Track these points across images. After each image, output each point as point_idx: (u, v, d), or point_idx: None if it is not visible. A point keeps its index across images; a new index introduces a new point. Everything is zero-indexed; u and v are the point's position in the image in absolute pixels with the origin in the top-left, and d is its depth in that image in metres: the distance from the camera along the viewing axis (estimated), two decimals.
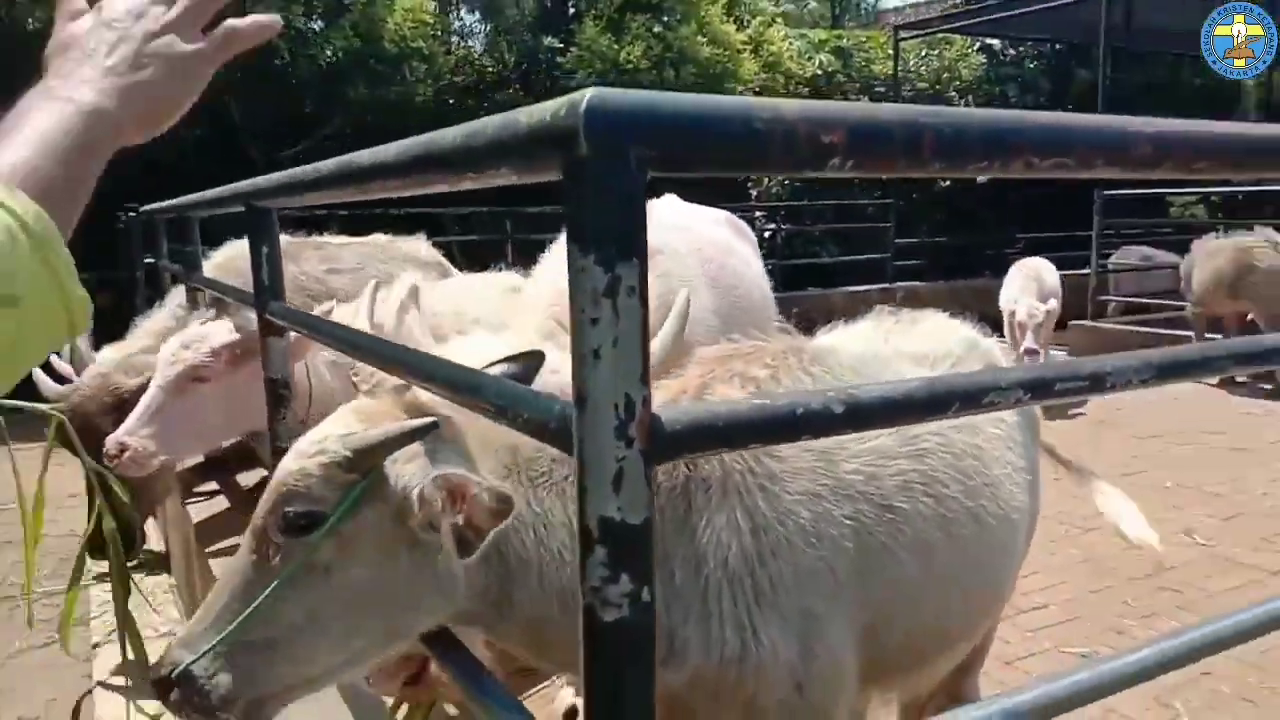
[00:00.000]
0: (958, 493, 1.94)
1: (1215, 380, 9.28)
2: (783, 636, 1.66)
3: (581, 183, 0.89)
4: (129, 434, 3.08)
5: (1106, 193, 11.94)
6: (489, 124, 1.05)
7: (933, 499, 1.89)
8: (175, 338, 3.29)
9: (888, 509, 1.82)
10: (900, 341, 2.30)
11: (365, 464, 1.45)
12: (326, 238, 4.77)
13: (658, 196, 3.50)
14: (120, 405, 3.34)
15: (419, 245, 4.85)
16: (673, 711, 1.62)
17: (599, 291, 0.90)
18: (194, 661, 1.42)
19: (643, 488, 0.94)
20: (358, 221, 7.84)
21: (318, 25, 10.76)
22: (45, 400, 3.42)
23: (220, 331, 3.21)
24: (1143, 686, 3.56)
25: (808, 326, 2.54)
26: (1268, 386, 8.76)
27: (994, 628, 2.64)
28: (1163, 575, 4.70)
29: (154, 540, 5.60)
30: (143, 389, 3.26)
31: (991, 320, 2.98)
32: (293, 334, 2.55)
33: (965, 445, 2.01)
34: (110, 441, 3.08)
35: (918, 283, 14.62)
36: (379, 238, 4.75)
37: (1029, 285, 8.09)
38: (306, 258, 4.33)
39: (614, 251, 0.89)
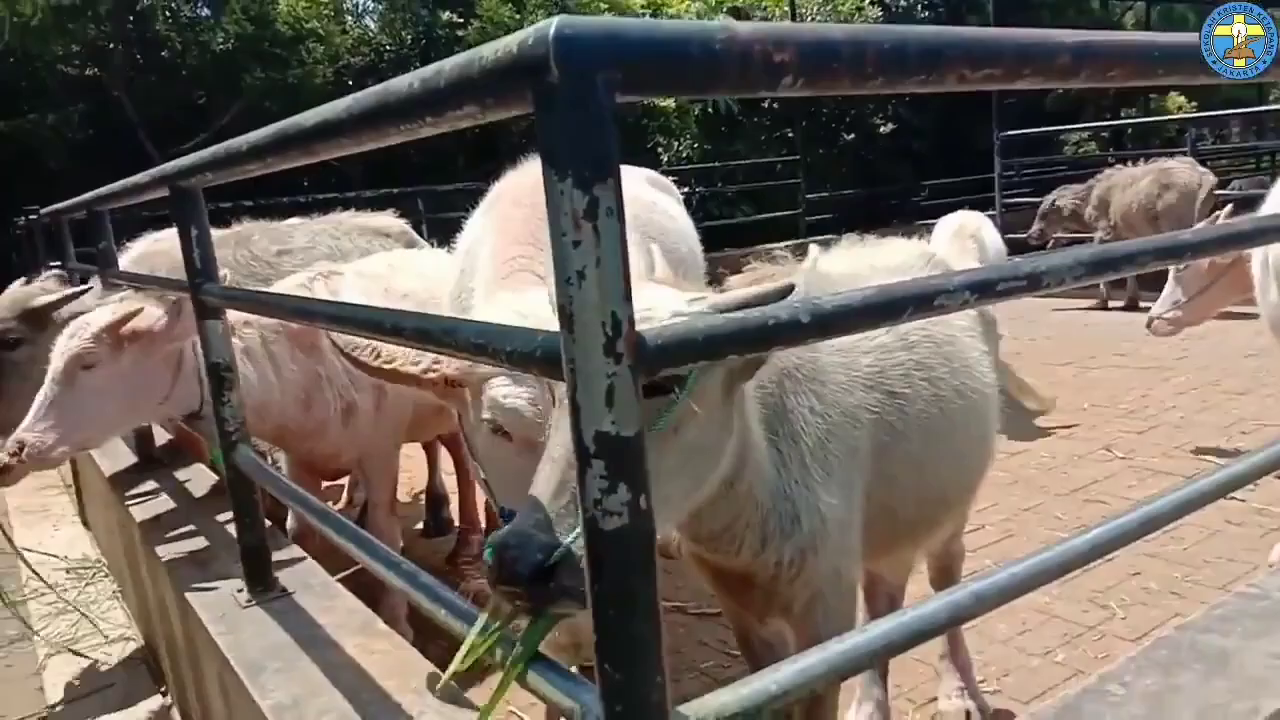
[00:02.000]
0: (944, 374, 2.25)
1: (1124, 303, 9.73)
2: (837, 506, 1.94)
3: (554, 109, 0.92)
4: (26, 430, 3.04)
5: (1005, 134, 12.30)
6: (447, 64, 1.07)
7: (926, 382, 2.19)
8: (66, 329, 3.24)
9: (894, 394, 2.12)
10: (874, 259, 2.55)
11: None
12: (280, 221, 4.67)
13: None
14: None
15: (385, 218, 4.75)
16: (766, 592, 1.96)
17: (579, 214, 0.93)
18: (573, 541, 1.17)
19: (633, 401, 0.98)
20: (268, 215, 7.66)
21: (205, 12, 10.41)
22: None
23: (102, 315, 3.15)
24: (1080, 589, 3.75)
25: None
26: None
27: (970, 503, 2.92)
28: (1088, 489, 4.95)
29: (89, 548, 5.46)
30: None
31: None
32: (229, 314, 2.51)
33: (943, 335, 2.32)
34: (10, 442, 3.03)
35: (830, 236, 14.87)
36: (337, 214, 4.66)
37: (967, 250, 6.30)
38: (256, 240, 4.24)
39: (590, 174, 0.93)
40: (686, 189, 15.21)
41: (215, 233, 4.22)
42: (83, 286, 4.01)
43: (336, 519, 1.94)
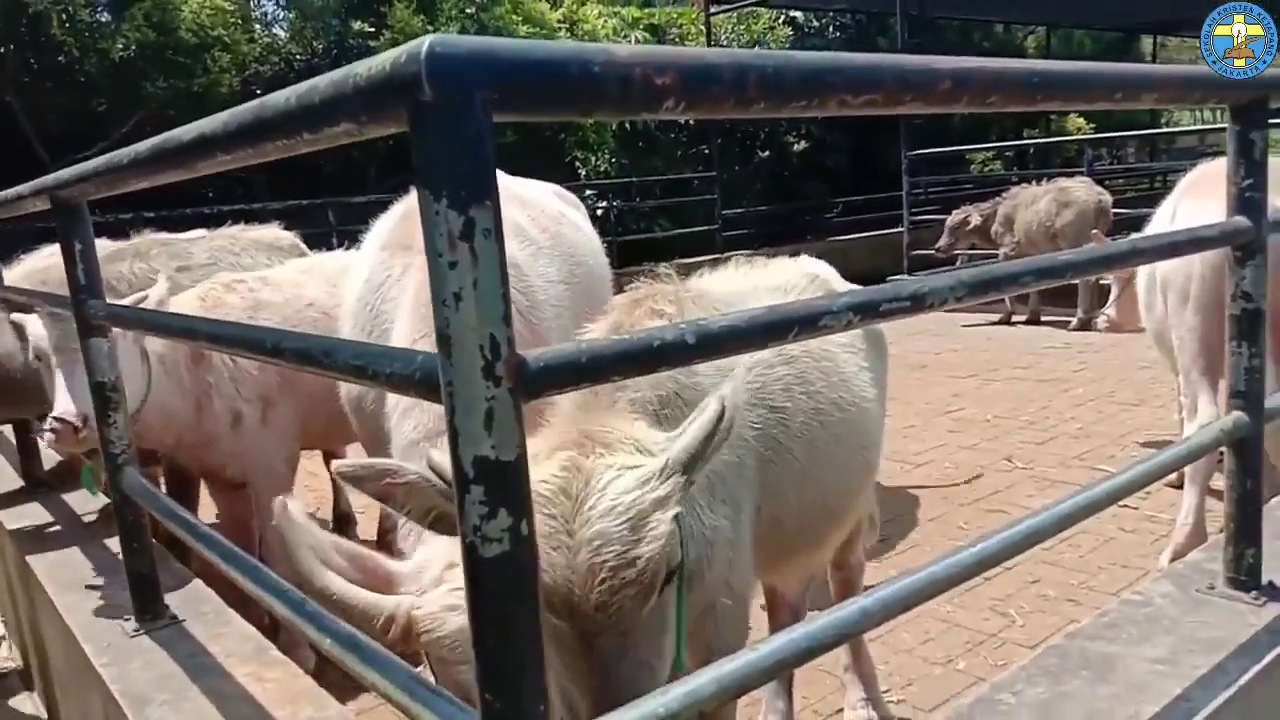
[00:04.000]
0: (823, 388, 2.31)
1: (1026, 317, 10.08)
2: (724, 526, 1.95)
3: (428, 128, 0.90)
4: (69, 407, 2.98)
5: (912, 154, 12.64)
6: (323, 80, 1.04)
7: (806, 395, 2.24)
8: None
9: (775, 409, 2.16)
10: (757, 279, 2.60)
11: (694, 476, 1.52)
12: (173, 235, 4.49)
13: None
14: None
15: (273, 231, 4.63)
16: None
17: (455, 235, 0.91)
18: None
19: (513, 425, 0.97)
20: (170, 227, 7.41)
21: (105, 17, 10.04)
22: None
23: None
24: (981, 598, 3.83)
25: None
26: (1070, 321, 9.58)
27: (870, 508, 3.00)
28: (989, 499, 5.09)
29: None
30: None
31: None
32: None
33: (821, 350, 2.39)
34: (72, 416, 2.92)
35: (746, 252, 15.08)
36: (230, 229, 4.52)
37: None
38: (155, 255, 4.07)
39: (466, 195, 0.91)
40: (604, 203, 15.28)
41: (112, 245, 4.08)
42: None
43: (221, 544, 1.88)
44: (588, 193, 15.35)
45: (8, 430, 4.45)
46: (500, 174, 3.31)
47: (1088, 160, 12.64)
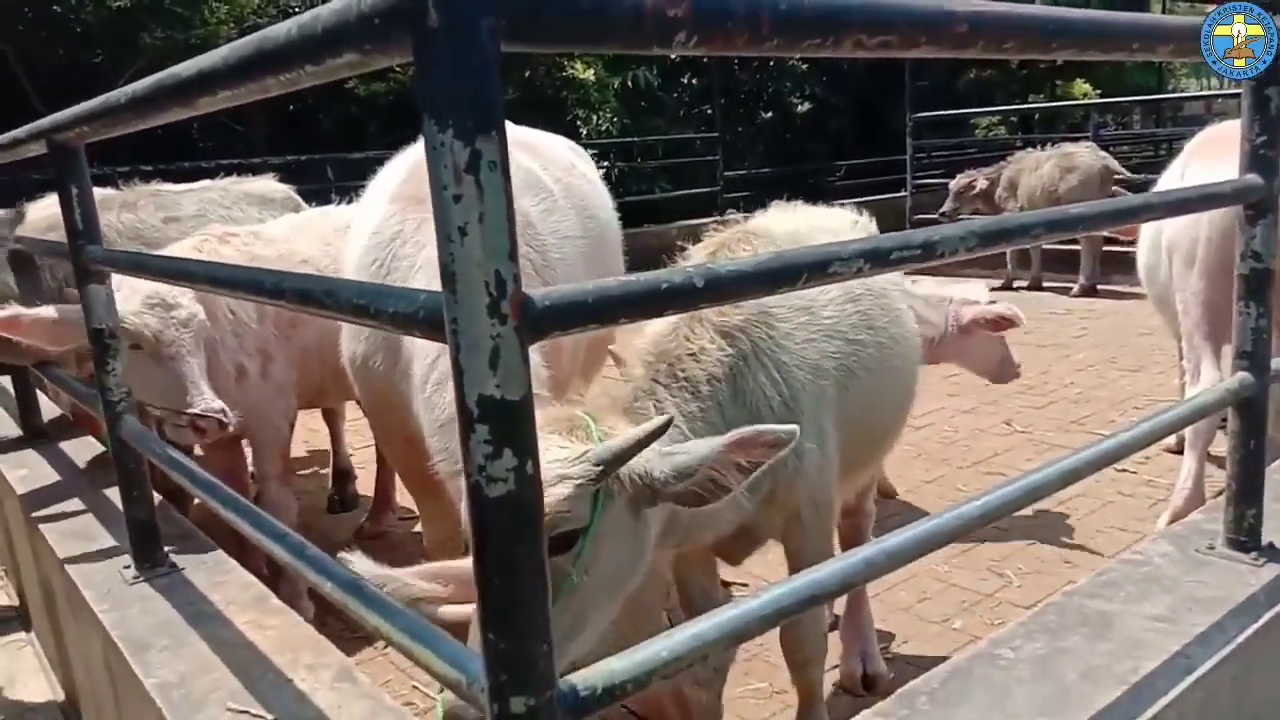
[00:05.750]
0: (884, 324, 2.48)
1: (1028, 283, 10.05)
2: (813, 448, 2.15)
3: (434, 56, 0.88)
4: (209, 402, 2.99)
5: (917, 116, 12.53)
6: (326, 9, 1.01)
7: (871, 330, 2.41)
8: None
9: (850, 341, 2.33)
10: (810, 219, 2.72)
11: (610, 474, 1.57)
12: (164, 185, 4.44)
13: None
14: None
15: (267, 184, 4.58)
16: (742, 531, 2.14)
17: (460, 167, 0.89)
18: None
19: (519, 364, 0.95)
20: (167, 179, 7.33)
21: None
22: None
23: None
24: (978, 559, 3.85)
25: (650, 264, 2.66)
26: (1072, 287, 9.55)
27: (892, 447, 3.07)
28: (988, 462, 5.10)
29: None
30: None
31: None
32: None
33: (879, 289, 2.53)
34: (217, 411, 2.93)
35: (747, 214, 14.97)
36: (222, 180, 4.46)
37: None
38: (143, 206, 4.03)
39: (473, 125, 0.89)
40: (606, 163, 15.13)
41: (99, 194, 4.02)
42: None
43: (222, 490, 1.87)
44: (589, 152, 15.18)
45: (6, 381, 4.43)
46: (512, 124, 3.25)
47: (1093, 125, 12.48)
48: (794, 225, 2.56)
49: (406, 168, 2.82)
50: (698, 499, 1.66)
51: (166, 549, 2.66)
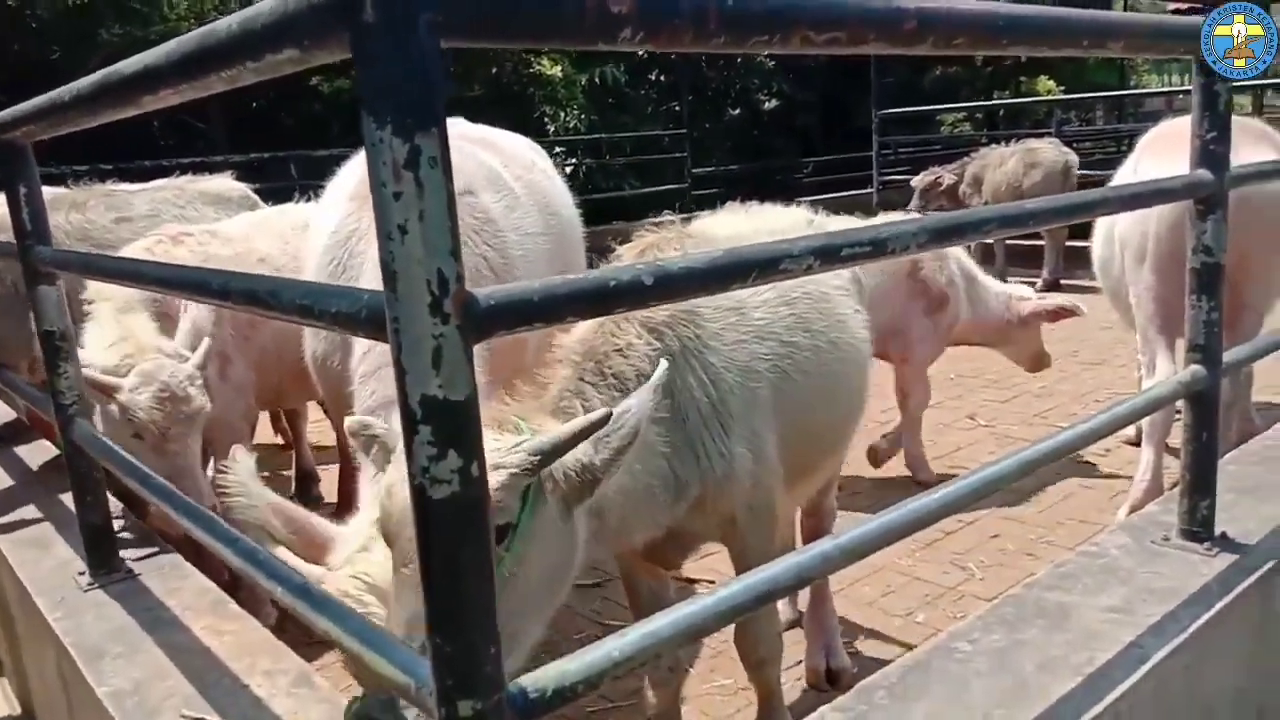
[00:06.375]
0: (822, 327, 2.43)
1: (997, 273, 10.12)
2: (744, 452, 2.11)
3: (370, 52, 0.86)
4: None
5: (883, 112, 12.61)
6: (266, 4, 0.99)
7: (807, 333, 2.36)
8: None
9: (784, 343, 2.28)
10: (758, 222, 2.65)
11: (546, 465, 1.51)
12: (118, 185, 4.36)
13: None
14: None
15: (223, 182, 4.50)
16: (674, 535, 2.11)
17: (399, 163, 0.88)
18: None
19: (463, 364, 0.94)
20: (126, 178, 7.22)
21: None
22: None
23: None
24: (942, 552, 3.87)
25: None
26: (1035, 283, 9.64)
27: (845, 451, 3.02)
28: (952, 456, 5.14)
29: None
30: None
31: None
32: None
33: (819, 293, 2.49)
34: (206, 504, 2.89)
35: (714, 211, 15.03)
36: (177, 179, 4.38)
37: None
38: (93, 206, 3.95)
39: (412, 121, 0.88)
40: (574, 160, 15.10)
41: (49, 193, 3.94)
42: None
43: (173, 494, 1.84)
44: (556, 149, 15.16)
45: None
46: (469, 123, 3.22)
47: (1056, 121, 12.63)
48: (738, 227, 2.52)
49: (360, 164, 2.80)
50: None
51: (122, 554, 2.62)
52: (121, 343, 3.00)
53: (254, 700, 1.92)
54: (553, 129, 15.41)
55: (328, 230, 2.64)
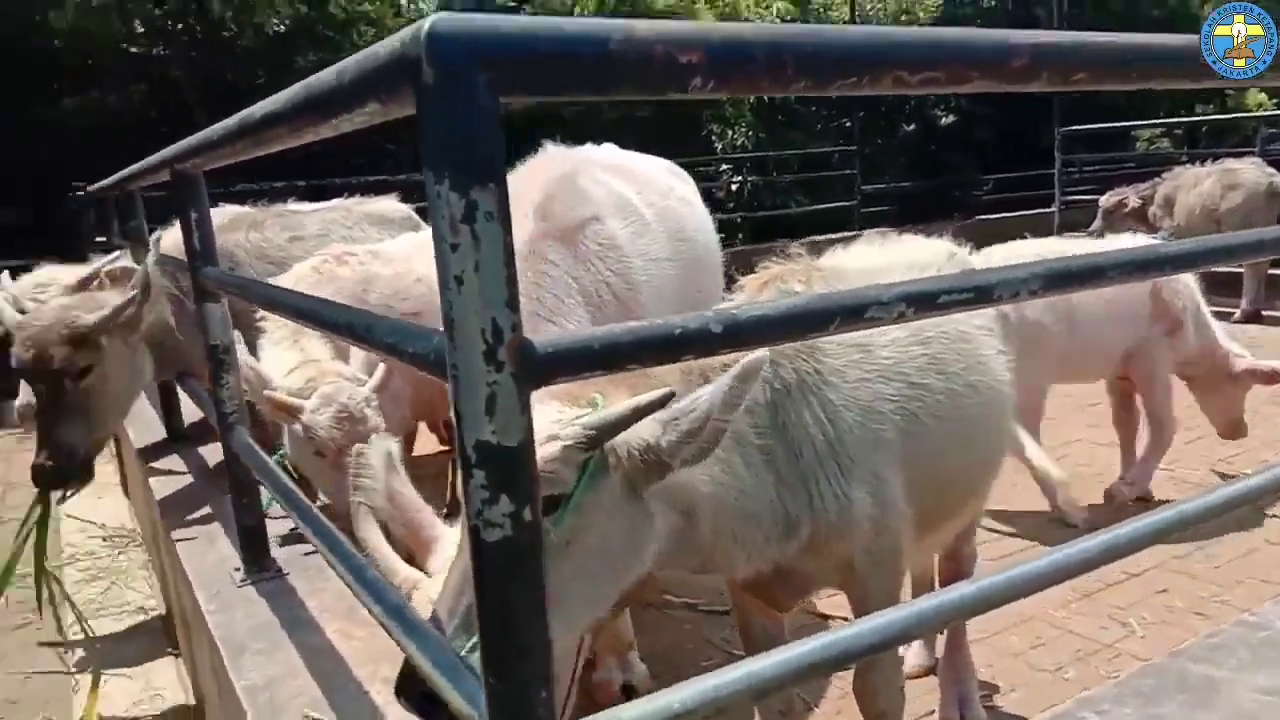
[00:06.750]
0: (959, 369, 2.32)
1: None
2: (864, 496, 2.03)
3: (430, 110, 0.89)
4: None
5: (1066, 130, 11.96)
6: (355, 58, 1.05)
7: (942, 375, 2.26)
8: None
9: (914, 385, 2.18)
10: (895, 255, 2.55)
11: (603, 441, 1.52)
12: (292, 205, 4.71)
13: (597, 144, 3.51)
14: (76, 340, 3.33)
15: (387, 204, 4.78)
16: (783, 574, 2.06)
17: (456, 218, 0.91)
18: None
19: (517, 411, 0.95)
20: (316, 194, 7.74)
21: None
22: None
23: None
24: (1100, 604, 3.63)
25: None
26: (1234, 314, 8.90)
27: (985, 499, 2.88)
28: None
29: (126, 518, 5.61)
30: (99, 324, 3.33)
31: None
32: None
33: (957, 333, 2.38)
34: None
35: (887, 229, 14.69)
36: (345, 200, 4.69)
37: None
38: (269, 225, 4.29)
39: (468, 178, 0.90)
40: (740, 178, 15.11)
41: (229, 212, 4.27)
42: (109, 258, 4.09)
43: (300, 502, 1.95)
44: (723, 167, 15.25)
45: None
46: (612, 148, 3.26)
47: (1260, 139, 11.61)
48: (872, 261, 2.44)
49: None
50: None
51: (274, 554, 2.81)
52: (304, 366, 3.17)
53: (371, 708, 2.02)
54: (720, 146, 15.48)
55: None
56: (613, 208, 2.70)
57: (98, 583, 4.64)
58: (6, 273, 4.15)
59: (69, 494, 3.74)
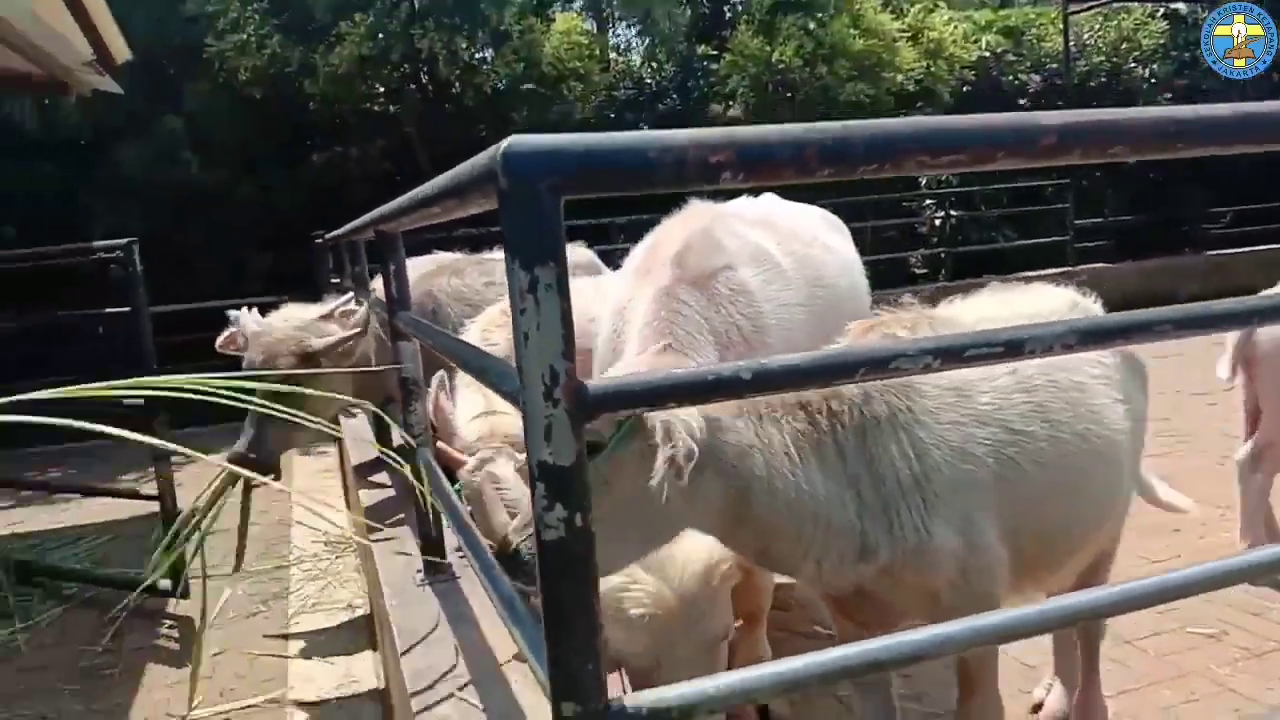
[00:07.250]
0: (1067, 418, 2.35)
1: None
2: (949, 534, 2.12)
3: (506, 209, 1.18)
4: None
5: None
6: (467, 165, 1.36)
7: (1047, 424, 2.30)
8: None
9: (1013, 432, 2.24)
10: (1016, 306, 2.64)
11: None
12: (490, 254, 5.24)
13: (755, 195, 3.74)
14: (300, 356, 3.94)
15: (572, 250, 5.19)
16: (864, 596, 2.19)
17: (524, 289, 1.18)
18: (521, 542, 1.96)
19: (569, 439, 1.21)
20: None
21: (486, 54, 11.56)
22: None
23: None
24: (1273, 664, 3.47)
25: None
26: None
27: (1117, 539, 2.88)
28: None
29: None
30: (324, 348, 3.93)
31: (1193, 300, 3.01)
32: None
33: (1069, 382, 2.40)
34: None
35: (1102, 265, 13.97)
36: None
37: None
38: (468, 272, 4.81)
39: (532, 259, 1.18)
40: (943, 213, 14.83)
41: (437, 258, 4.81)
42: (343, 299, 4.71)
43: (460, 517, 2.30)
44: (927, 202, 15.02)
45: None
46: (772, 198, 3.52)
47: None
48: (990, 312, 2.50)
49: (647, 243, 3.16)
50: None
51: (449, 559, 3.20)
52: (482, 419, 3.32)
53: (506, 696, 2.33)
54: (923, 182, 15.23)
55: (612, 300, 3.04)
56: (747, 257, 2.93)
57: (317, 582, 5.28)
58: (256, 309, 4.87)
59: (255, 484, 4.27)
